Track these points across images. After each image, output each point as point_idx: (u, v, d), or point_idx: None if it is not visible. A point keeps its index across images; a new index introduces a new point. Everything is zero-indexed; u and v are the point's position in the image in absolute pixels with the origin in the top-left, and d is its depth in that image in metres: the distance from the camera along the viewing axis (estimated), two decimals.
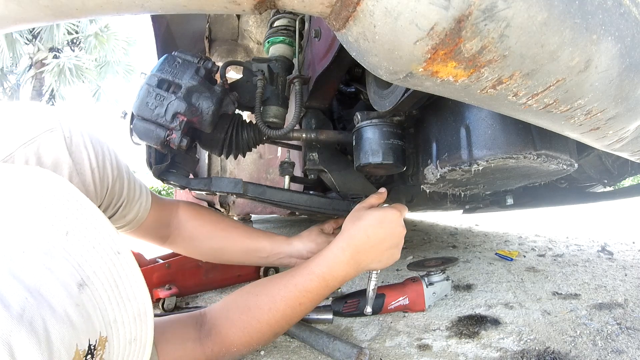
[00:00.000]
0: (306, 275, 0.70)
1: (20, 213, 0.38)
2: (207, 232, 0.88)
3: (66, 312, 0.33)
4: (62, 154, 0.55)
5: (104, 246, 0.42)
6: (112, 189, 0.66)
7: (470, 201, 1.39)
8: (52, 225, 0.39)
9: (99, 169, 0.61)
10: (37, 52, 10.12)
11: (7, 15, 0.39)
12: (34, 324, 0.30)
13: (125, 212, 0.73)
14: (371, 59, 0.38)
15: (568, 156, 0.67)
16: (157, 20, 1.39)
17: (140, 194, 0.76)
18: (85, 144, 0.59)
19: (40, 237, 0.37)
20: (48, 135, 0.53)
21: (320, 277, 0.70)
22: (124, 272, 0.42)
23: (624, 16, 0.36)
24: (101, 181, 0.62)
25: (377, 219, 0.74)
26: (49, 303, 0.32)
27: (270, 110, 0.96)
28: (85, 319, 0.35)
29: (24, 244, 0.35)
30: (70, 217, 0.41)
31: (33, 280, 0.32)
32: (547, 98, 0.39)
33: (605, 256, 1.65)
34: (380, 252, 0.74)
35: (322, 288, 0.70)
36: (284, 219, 3.61)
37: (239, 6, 0.38)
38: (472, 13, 0.31)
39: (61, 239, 0.38)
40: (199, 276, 1.29)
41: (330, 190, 1.20)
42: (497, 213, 2.84)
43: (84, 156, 0.58)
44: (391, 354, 0.81)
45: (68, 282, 0.35)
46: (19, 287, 0.31)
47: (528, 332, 0.87)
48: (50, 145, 0.53)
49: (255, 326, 0.66)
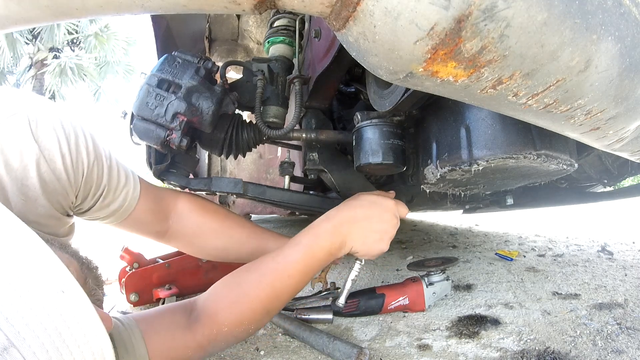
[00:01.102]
0: (292, 247, 0.69)
1: None
2: (212, 230, 0.82)
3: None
4: (27, 140, 0.51)
5: (42, 287, 0.34)
6: (89, 175, 0.61)
7: (470, 201, 1.39)
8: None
9: (70, 153, 0.56)
10: (37, 52, 10.11)
11: (7, 15, 0.39)
12: None
13: (107, 200, 0.68)
14: (371, 59, 0.38)
15: (568, 156, 0.67)
16: (157, 20, 1.39)
17: (127, 181, 0.70)
18: (54, 126, 0.54)
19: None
20: (11, 120, 0.50)
21: (306, 246, 0.69)
22: (70, 314, 0.35)
23: (624, 16, 0.36)
24: (74, 167, 0.58)
25: (369, 200, 0.74)
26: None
27: (270, 110, 0.96)
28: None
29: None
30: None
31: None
32: (547, 98, 0.39)
33: (605, 256, 1.65)
34: (366, 230, 0.72)
35: (310, 258, 0.68)
36: (284, 219, 3.61)
37: (239, 6, 0.38)
38: (472, 13, 0.31)
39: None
40: (199, 276, 1.29)
41: (330, 190, 1.20)
42: (497, 213, 2.84)
43: (52, 140, 0.54)
44: (391, 354, 0.81)
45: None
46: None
47: (528, 332, 0.87)
48: (13, 132, 0.49)
49: (245, 301, 0.64)
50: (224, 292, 0.66)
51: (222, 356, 0.82)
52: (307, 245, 0.69)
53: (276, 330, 0.94)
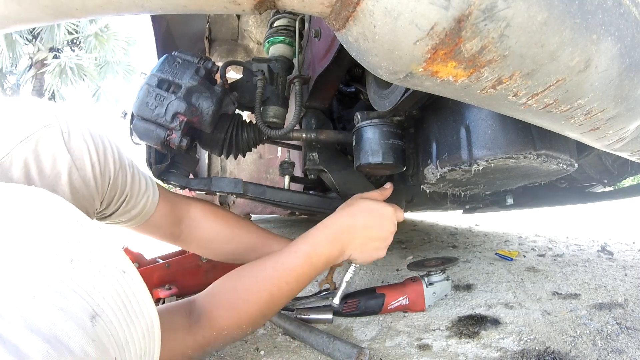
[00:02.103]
0: (292, 254, 0.70)
1: (22, 244, 0.36)
2: (224, 236, 0.86)
3: (84, 351, 0.33)
4: (60, 150, 0.54)
5: (109, 268, 0.40)
6: (114, 183, 0.65)
7: (470, 201, 1.39)
8: (56, 254, 0.37)
9: (99, 162, 0.60)
10: (37, 52, 10.11)
11: (7, 15, 0.39)
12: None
13: (129, 206, 0.72)
14: (371, 59, 0.38)
15: (568, 156, 0.67)
16: (157, 20, 1.39)
17: (147, 187, 0.75)
18: (84, 137, 0.57)
19: (47, 272, 0.35)
20: (45, 131, 0.52)
21: (305, 254, 0.69)
22: (130, 291, 0.41)
23: (624, 16, 0.36)
24: (102, 175, 0.61)
25: (368, 207, 0.74)
26: (68, 348, 0.32)
27: (270, 110, 0.96)
28: (102, 351, 0.35)
29: (33, 286, 0.34)
30: (72, 242, 0.39)
31: (48, 328, 0.32)
32: (547, 98, 0.39)
33: (605, 256, 1.65)
34: (366, 239, 0.73)
35: (307, 266, 0.69)
36: (284, 219, 3.61)
37: (239, 6, 0.38)
38: (472, 13, 0.31)
39: (67, 269, 0.37)
40: (199, 276, 1.29)
41: (330, 190, 1.20)
42: (497, 213, 2.84)
43: (83, 150, 0.57)
44: (391, 354, 0.81)
45: (81, 317, 0.35)
46: (38, 341, 0.30)
47: (528, 332, 0.87)
48: (48, 142, 0.52)
49: (243, 307, 0.66)
50: (222, 297, 0.67)
51: (222, 356, 0.82)
52: (305, 253, 0.70)
53: (276, 330, 0.94)
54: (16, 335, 0.29)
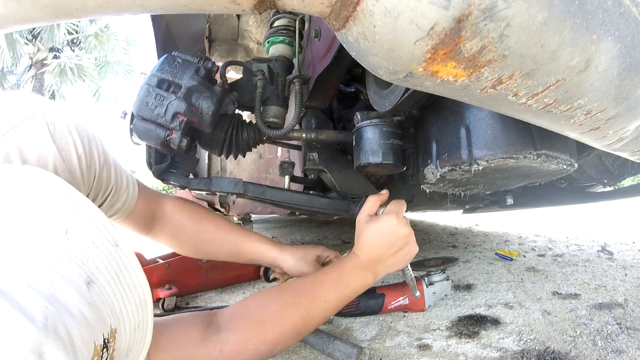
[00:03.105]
0: (322, 288, 0.69)
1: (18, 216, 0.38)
2: (191, 229, 0.87)
3: (82, 313, 0.34)
4: (45, 141, 0.53)
5: (102, 240, 0.42)
6: (99, 176, 0.64)
7: (470, 201, 1.39)
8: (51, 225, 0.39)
9: (85, 155, 0.59)
10: (37, 52, 10.11)
11: (7, 15, 0.39)
12: (58, 330, 0.31)
13: (113, 200, 0.71)
14: (371, 58, 0.38)
15: (568, 156, 0.67)
16: (157, 20, 1.39)
17: (128, 182, 0.74)
18: (69, 130, 0.56)
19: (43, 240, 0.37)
20: (30, 122, 0.51)
21: (336, 281, 0.70)
22: (122, 264, 0.43)
23: (624, 16, 0.36)
24: (88, 168, 0.60)
25: (389, 233, 0.73)
26: (66, 307, 0.33)
27: (270, 110, 0.96)
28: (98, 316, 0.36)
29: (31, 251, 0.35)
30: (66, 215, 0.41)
31: (47, 287, 0.33)
32: (547, 98, 0.39)
33: (605, 256, 1.65)
34: (392, 258, 0.74)
35: (343, 289, 0.70)
36: (284, 219, 3.61)
37: (239, 6, 0.38)
38: (472, 13, 0.31)
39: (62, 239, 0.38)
40: (199, 276, 1.29)
41: (330, 190, 1.20)
42: (497, 213, 2.84)
43: (69, 143, 0.56)
44: (391, 354, 0.81)
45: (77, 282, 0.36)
46: (37, 297, 0.32)
47: (528, 332, 0.87)
48: (33, 133, 0.51)
49: (279, 320, 0.64)
50: (256, 309, 0.65)
51: None
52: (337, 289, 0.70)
53: None
54: (17, 291, 0.31)
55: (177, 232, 0.87)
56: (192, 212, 0.88)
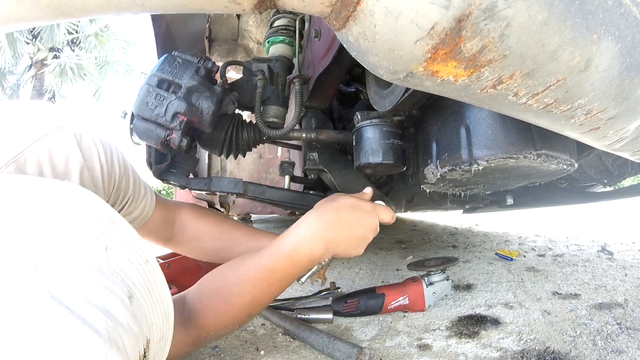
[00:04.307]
0: (273, 255, 0.68)
1: (64, 231, 0.39)
2: (211, 233, 0.89)
3: (129, 325, 0.37)
4: (73, 150, 0.57)
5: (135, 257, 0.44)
6: (118, 185, 0.68)
7: (470, 201, 1.39)
8: (92, 242, 0.40)
9: (107, 165, 0.63)
10: (37, 52, 10.10)
11: (7, 14, 0.39)
12: (117, 342, 0.34)
13: (131, 208, 0.75)
14: (371, 58, 0.38)
15: (568, 156, 0.67)
16: (157, 20, 1.39)
17: (145, 192, 0.78)
18: (94, 141, 0.61)
19: (88, 256, 0.39)
20: (59, 132, 0.55)
21: (286, 255, 0.68)
22: (153, 279, 0.46)
23: (624, 16, 0.36)
24: (109, 177, 0.65)
25: (350, 203, 0.72)
26: (118, 320, 0.36)
27: (270, 110, 0.96)
28: (139, 327, 0.39)
29: (81, 267, 0.37)
30: (105, 232, 0.43)
31: (101, 302, 0.35)
32: (547, 98, 0.39)
33: (605, 256, 1.65)
34: (350, 236, 0.71)
35: (289, 267, 0.68)
36: (284, 219, 3.61)
37: (239, 6, 0.38)
38: (473, 12, 0.31)
39: (103, 255, 0.40)
40: (199, 276, 1.28)
41: (330, 190, 1.20)
42: (497, 213, 2.84)
43: (93, 152, 0.61)
44: (391, 354, 0.81)
45: (122, 296, 0.38)
46: (97, 312, 0.34)
47: (528, 332, 0.87)
48: (62, 142, 0.55)
49: (226, 309, 0.68)
50: (207, 300, 0.69)
51: (222, 356, 0.82)
52: (287, 255, 0.68)
53: (276, 330, 0.94)
54: (80, 306, 0.33)
55: (198, 239, 0.89)
56: (210, 218, 0.91)
